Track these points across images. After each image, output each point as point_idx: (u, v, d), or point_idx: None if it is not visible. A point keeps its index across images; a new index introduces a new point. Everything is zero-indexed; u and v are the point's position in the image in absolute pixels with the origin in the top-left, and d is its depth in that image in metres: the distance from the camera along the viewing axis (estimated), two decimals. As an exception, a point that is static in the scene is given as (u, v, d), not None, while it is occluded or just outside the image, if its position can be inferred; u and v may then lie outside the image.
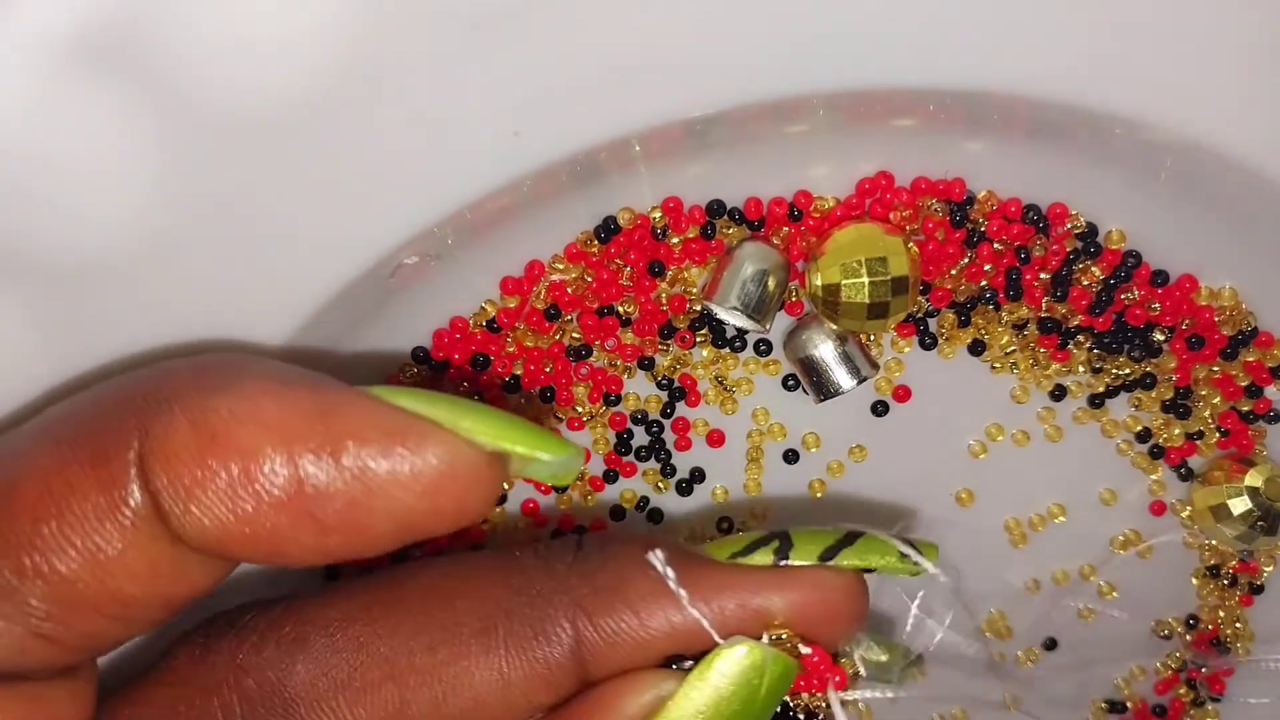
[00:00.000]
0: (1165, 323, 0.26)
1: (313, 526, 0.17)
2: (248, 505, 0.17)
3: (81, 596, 0.17)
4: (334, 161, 0.20)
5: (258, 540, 0.17)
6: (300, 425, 0.17)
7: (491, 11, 0.19)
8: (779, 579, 0.21)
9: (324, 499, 0.17)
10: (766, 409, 0.27)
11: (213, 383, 0.17)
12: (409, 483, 0.17)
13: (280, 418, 0.17)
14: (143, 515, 0.17)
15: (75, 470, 0.17)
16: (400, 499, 0.17)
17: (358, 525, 0.17)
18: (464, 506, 0.17)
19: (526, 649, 0.20)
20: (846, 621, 0.21)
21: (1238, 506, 0.27)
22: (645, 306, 0.25)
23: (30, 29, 0.17)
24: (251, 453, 0.17)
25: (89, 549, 0.17)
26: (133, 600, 0.18)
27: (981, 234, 0.25)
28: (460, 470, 0.17)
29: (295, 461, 0.17)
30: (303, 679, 0.20)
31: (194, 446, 0.17)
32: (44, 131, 0.18)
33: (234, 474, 0.17)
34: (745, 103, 0.21)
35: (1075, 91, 0.22)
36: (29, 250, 0.19)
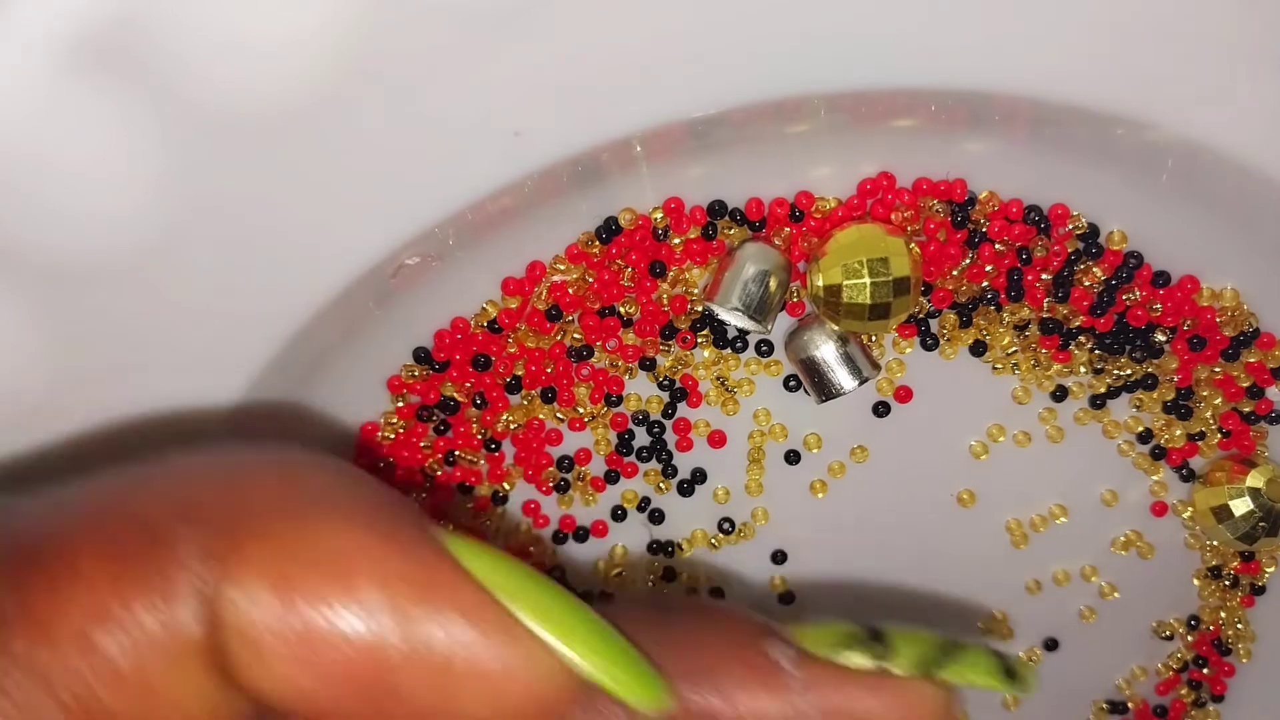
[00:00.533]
0: (1167, 323, 0.26)
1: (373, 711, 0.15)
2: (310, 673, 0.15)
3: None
4: (335, 162, 0.20)
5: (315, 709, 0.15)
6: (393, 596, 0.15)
7: (493, 11, 0.19)
8: (877, 685, 0.20)
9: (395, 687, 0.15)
10: (768, 410, 0.27)
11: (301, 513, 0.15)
12: (487, 691, 0.15)
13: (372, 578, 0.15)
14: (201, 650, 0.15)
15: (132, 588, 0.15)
16: (474, 704, 0.15)
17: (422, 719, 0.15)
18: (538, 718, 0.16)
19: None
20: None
21: (1239, 507, 0.27)
22: (647, 307, 0.25)
23: (31, 29, 0.17)
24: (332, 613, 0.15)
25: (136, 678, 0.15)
26: None
27: (983, 235, 0.25)
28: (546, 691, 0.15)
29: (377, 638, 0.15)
30: None
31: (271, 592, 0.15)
32: (44, 132, 0.18)
33: (309, 634, 0.15)
34: (747, 103, 0.21)
35: (1077, 92, 0.22)
36: (29, 251, 0.19)
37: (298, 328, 0.22)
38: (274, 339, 0.22)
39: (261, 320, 0.22)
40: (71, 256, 0.19)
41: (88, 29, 0.17)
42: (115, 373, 0.21)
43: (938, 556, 0.29)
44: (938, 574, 0.29)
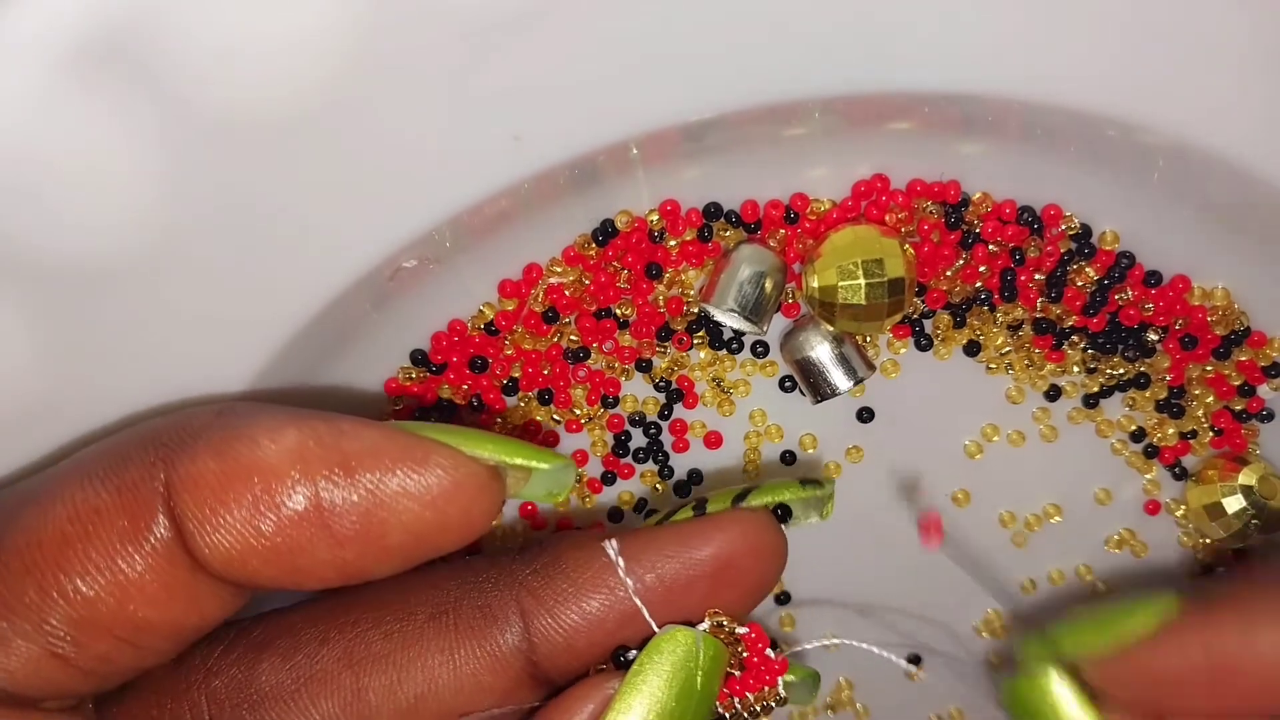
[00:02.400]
0: (1159, 323, 0.26)
1: (328, 540, 0.18)
2: (269, 523, 0.18)
3: (100, 618, 0.18)
4: (333, 165, 0.20)
5: (277, 557, 0.18)
6: (317, 449, 0.18)
7: (491, 16, 0.19)
8: (699, 528, 0.21)
9: (339, 514, 0.18)
10: (764, 410, 0.27)
11: (235, 419, 0.19)
12: (418, 495, 0.18)
13: (299, 443, 0.18)
14: (165, 541, 0.18)
15: (104, 498, 0.18)
16: (410, 510, 0.18)
17: (371, 537, 0.18)
18: (469, 517, 0.19)
19: (475, 631, 0.21)
20: (770, 556, 0.22)
21: (1232, 505, 0.27)
22: (643, 309, 0.25)
23: (33, 31, 0.17)
24: (273, 474, 0.18)
25: (111, 571, 0.18)
26: (147, 625, 0.19)
27: (976, 235, 0.25)
28: (464, 482, 0.19)
29: (313, 481, 0.18)
30: (268, 676, 0.21)
31: (218, 473, 0.18)
32: (46, 134, 0.18)
33: (256, 494, 0.18)
34: (742, 106, 0.21)
35: (1069, 94, 0.22)
36: (32, 252, 0.19)
37: (296, 330, 0.22)
38: (272, 341, 0.22)
39: (260, 323, 0.22)
40: (71, 259, 0.19)
41: (89, 33, 0.17)
42: (114, 375, 0.21)
43: (933, 556, 0.29)
44: (933, 573, 0.29)
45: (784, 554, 0.22)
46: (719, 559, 0.21)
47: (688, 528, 0.22)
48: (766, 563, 0.22)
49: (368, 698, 0.21)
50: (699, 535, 0.21)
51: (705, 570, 0.21)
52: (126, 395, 0.21)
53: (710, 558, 0.21)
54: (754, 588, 0.22)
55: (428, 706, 0.21)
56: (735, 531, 0.21)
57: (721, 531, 0.21)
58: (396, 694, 0.21)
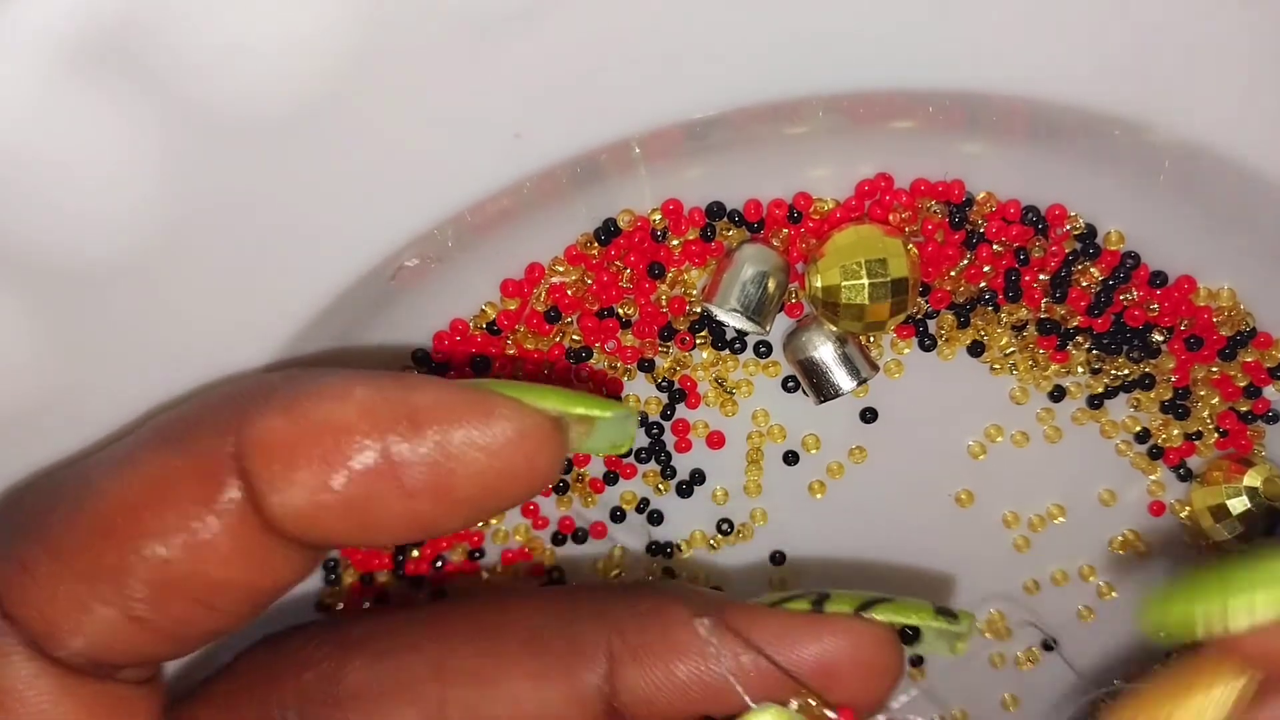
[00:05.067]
0: (1164, 323, 0.26)
1: (399, 491, 0.18)
2: (339, 478, 0.18)
3: (176, 580, 0.19)
4: (335, 163, 0.20)
5: (349, 511, 0.18)
6: (384, 404, 0.18)
7: (492, 13, 0.19)
8: (811, 624, 0.21)
9: (408, 466, 0.18)
10: (766, 410, 0.27)
11: (302, 380, 0.19)
12: (485, 445, 0.18)
13: (366, 398, 0.18)
14: (238, 502, 0.19)
15: (175, 463, 0.19)
16: (477, 460, 0.18)
17: (441, 488, 0.18)
18: (535, 466, 0.19)
19: (564, 665, 0.21)
20: (880, 676, 0.21)
21: (1237, 507, 0.27)
22: (645, 309, 0.25)
23: (32, 29, 0.17)
24: (341, 430, 0.18)
25: (186, 534, 0.18)
26: (222, 586, 0.19)
27: (981, 235, 0.25)
28: (529, 432, 0.19)
29: (382, 435, 0.18)
30: (357, 676, 0.21)
31: (286, 431, 0.18)
32: (46, 133, 0.18)
33: (325, 450, 0.18)
34: (745, 105, 0.21)
35: (1074, 93, 0.22)
36: (31, 252, 0.19)
37: (297, 329, 0.22)
38: (273, 341, 0.22)
39: (260, 322, 0.22)
40: (71, 257, 0.19)
41: (89, 30, 0.17)
42: (114, 374, 0.21)
43: (936, 557, 0.29)
44: (936, 574, 0.29)
45: (896, 678, 0.21)
46: (822, 663, 0.21)
47: (799, 620, 0.21)
48: (874, 681, 0.21)
49: (449, 712, 0.21)
50: (808, 632, 0.21)
51: (805, 670, 0.20)
52: (127, 394, 0.21)
53: (813, 658, 0.21)
54: (852, 701, 0.21)
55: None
56: (848, 640, 0.21)
57: (833, 635, 0.21)
58: (478, 712, 0.21)
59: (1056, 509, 0.28)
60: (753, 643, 0.21)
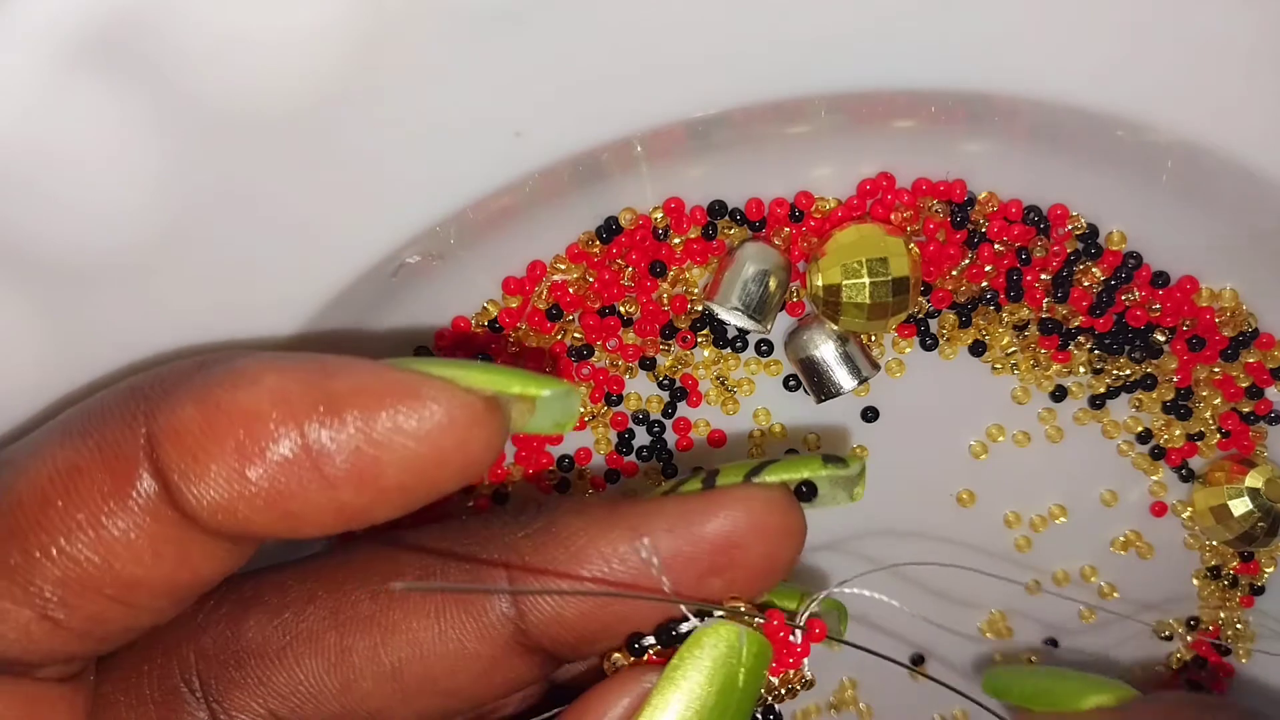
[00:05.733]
0: (1166, 324, 0.26)
1: (320, 482, 0.17)
2: (256, 469, 0.17)
3: (88, 578, 0.18)
4: (337, 160, 0.20)
5: (268, 503, 0.17)
6: (301, 389, 0.17)
7: (495, 12, 0.19)
8: (705, 500, 0.20)
9: (329, 455, 0.17)
10: (767, 409, 0.27)
11: (215, 367, 0.18)
12: (412, 431, 0.17)
13: (281, 384, 0.17)
14: (150, 496, 0.18)
15: (84, 455, 0.18)
16: (405, 447, 0.17)
17: (366, 477, 0.17)
18: (468, 452, 0.18)
19: (462, 595, 0.20)
20: (782, 537, 0.20)
21: (1238, 507, 0.27)
22: (647, 307, 0.25)
23: (34, 26, 0.17)
24: (255, 418, 0.17)
25: (96, 530, 0.17)
26: (138, 583, 0.18)
27: (982, 235, 0.25)
28: (459, 416, 0.18)
29: (299, 423, 0.17)
30: (255, 631, 0.21)
31: (200, 420, 0.17)
32: (48, 129, 0.18)
33: (240, 440, 0.17)
34: (747, 104, 0.21)
35: (1076, 93, 0.22)
36: (33, 247, 0.19)
37: (300, 325, 0.22)
38: (274, 338, 0.22)
39: (264, 318, 0.22)
40: (72, 252, 0.20)
41: (91, 26, 0.17)
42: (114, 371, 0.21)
43: (937, 556, 0.29)
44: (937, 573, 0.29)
45: (799, 536, 0.21)
46: (724, 537, 0.20)
47: (692, 501, 0.20)
48: (777, 545, 0.20)
49: (351, 659, 0.20)
50: (703, 510, 0.20)
51: (706, 549, 0.20)
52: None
53: (715, 535, 0.20)
54: (762, 572, 0.20)
55: (412, 671, 0.21)
56: (743, 509, 0.20)
57: (728, 507, 0.20)
58: (380, 657, 0.20)
59: (1058, 509, 0.28)
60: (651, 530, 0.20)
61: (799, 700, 0.31)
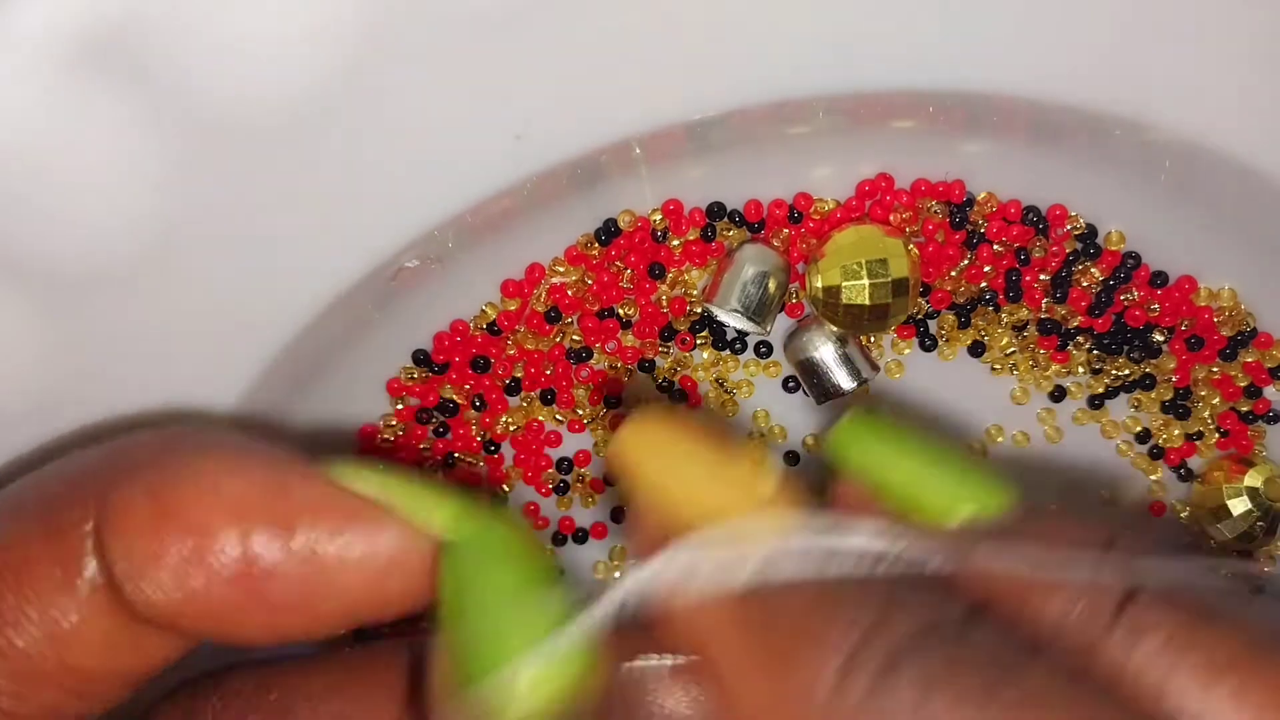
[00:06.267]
0: (1165, 324, 0.26)
1: (262, 606, 0.17)
2: (198, 581, 0.17)
3: (39, 670, 0.17)
4: (335, 165, 0.20)
5: (208, 617, 0.17)
6: (255, 504, 0.17)
7: (492, 14, 0.19)
8: None
9: (274, 579, 0.17)
10: (767, 411, 0.27)
11: (172, 459, 0.18)
12: (359, 566, 0.17)
13: (235, 496, 0.17)
14: (98, 588, 0.17)
15: (33, 544, 0.17)
16: (350, 581, 0.17)
17: (306, 605, 0.17)
18: (410, 592, 0.17)
19: None
20: None
21: (1237, 507, 0.27)
22: (646, 309, 0.25)
23: (32, 33, 0.17)
24: (204, 529, 0.17)
25: (45, 622, 0.17)
26: (90, 674, 0.18)
27: (981, 235, 0.25)
28: (410, 557, 0.17)
29: (247, 540, 0.17)
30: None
31: (149, 520, 0.17)
32: (45, 136, 0.18)
33: (186, 549, 0.17)
34: (746, 105, 0.21)
35: (1075, 93, 0.22)
36: (31, 255, 0.19)
37: (298, 330, 0.22)
38: (274, 341, 0.22)
39: (262, 323, 0.22)
40: (72, 260, 0.19)
41: (89, 33, 0.17)
42: (114, 376, 0.21)
43: (937, 557, 0.29)
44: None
45: None
46: None
47: None
48: None
49: None
50: None
51: None
52: (127, 395, 0.21)
53: None
54: None
55: None
56: None
57: None
58: None
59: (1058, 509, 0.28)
60: None
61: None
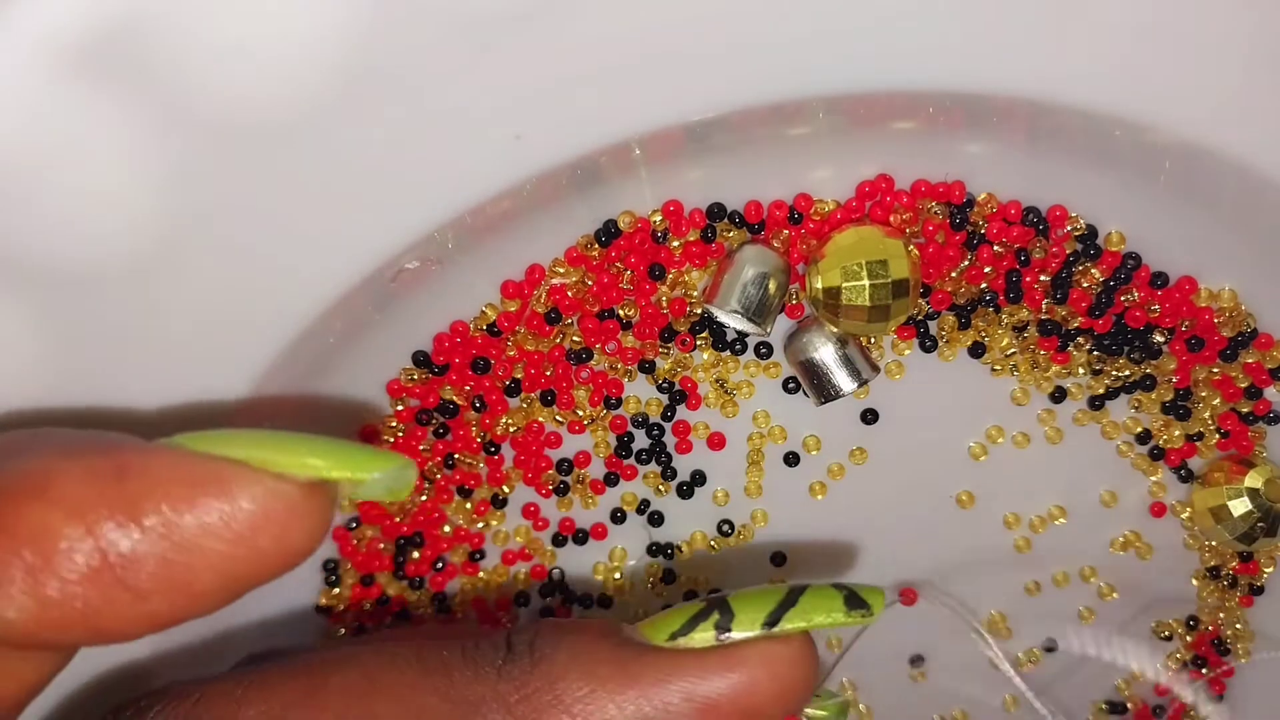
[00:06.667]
0: (1165, 324, 0.26)
1: (127, 596, 0.16)
2: (52, 589, 0.16)
3: None
4: (335, 166, 0.20)
5: (72, 622, 0.16)
6: (92, 494, 0.16)
7: (492, 15, 0.19)
8: (723, 660, 0.19)
9: (133, 565, 0.16)
10: (767, 412, 0.27)
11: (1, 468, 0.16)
12: (221, 531, 0.16)
13: (70, 490, 0.16)
14: None
15: None
16: (216, 550, 0.16)
17: (178, 585, 0.16)
18: (287, 545, 0.16)
19: None
20: (798, 693, 0.20)
21: (1238, 508, 0.27)
22: (646, 310, 0.25)
23: (32, 34, 0.17)
24: (44, 532, 0.16)
25: None
26: None
27: (981, 236, 0.25)
28: (274, 509, 0.16)
29: (94, 532, 0.16)
30: None
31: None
32: (45, 137, 0.18)
33: (29, 559, 0.16)
34: (746, 106, 0.21)
35: (1075, 94, 0.22)
36: (30, 257, 0.19)
37: (298, 332, 0.22)
38: (274, 343, 0.22)
39: (262, 325, 0.22)
40: (71, 262, 0.19)
41: (89, 35, 0.17)
42: (114, 378, 0.21)
43: (937, 558, 0.29)
44: (937, 574, 0.29)
45: (812, 685, 0.20)
46: (740, 691, 0.19)
47: (710, 661, 0.19)
48: (791, 700, 0.19)
49: None
50: (720, 669, 0.19)
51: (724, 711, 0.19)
52: (128, 397, 0.21)
53: (730, 690, 0.19)
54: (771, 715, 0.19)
55: None
56: (763, 670, 0.19)
57: (747, 668, 0.19)
58: None
59: (1057, 510, 0.28)
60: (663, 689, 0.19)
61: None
